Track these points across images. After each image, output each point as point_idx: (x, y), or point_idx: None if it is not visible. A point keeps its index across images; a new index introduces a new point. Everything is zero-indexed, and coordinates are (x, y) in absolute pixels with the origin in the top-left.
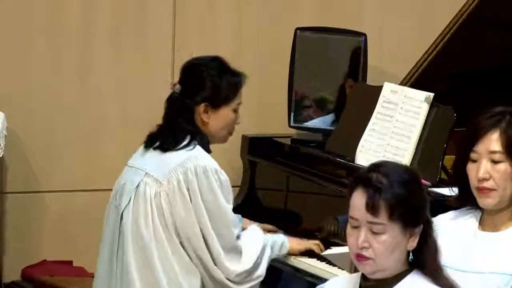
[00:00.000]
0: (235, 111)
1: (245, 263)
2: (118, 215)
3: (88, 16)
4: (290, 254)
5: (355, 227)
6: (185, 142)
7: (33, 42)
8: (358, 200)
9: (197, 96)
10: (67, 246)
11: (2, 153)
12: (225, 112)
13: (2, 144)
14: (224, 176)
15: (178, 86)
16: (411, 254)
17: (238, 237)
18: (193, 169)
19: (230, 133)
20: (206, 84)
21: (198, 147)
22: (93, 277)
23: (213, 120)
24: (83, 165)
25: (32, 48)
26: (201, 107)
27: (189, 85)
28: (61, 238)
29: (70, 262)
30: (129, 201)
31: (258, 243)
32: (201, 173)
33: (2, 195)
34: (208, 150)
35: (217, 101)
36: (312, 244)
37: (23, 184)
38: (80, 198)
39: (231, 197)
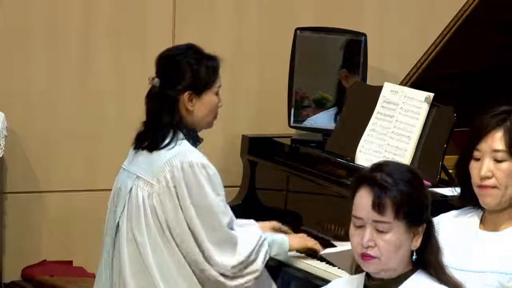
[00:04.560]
0: (217, 94)
1: (239, 255)
2: (115, 221)
3: (88, 16)
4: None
5: (359, 227)
6: (169, 139)
7: (33, 42)
8: (364, 199)
9: (178, 86)
10: (67, 246)
11: (2, 153)
12: (209, 97)
13: (2, 144)
14: (212, 170)
15: (156, 79)
16: (414, 253)
17: (230, 225)
18: (179, 165)
19: (215, 117)
20: (186, 72)
21: (184, 142)
22: (93, 277)
23: (198, 107)
24: (83, 165)
25: (32, 48)
26: (185, 96)
27: (168, 77)
28: (61, 238)
29: (70, 262)
30: (124, 208)
31: (255, 237)
32: (187, 168)
33: (2, 195)
34: (196, 141)
35: (199, 88)
36: (311, 243)
37: (23, 184)
38: (80, 198)
39: (221, 190)
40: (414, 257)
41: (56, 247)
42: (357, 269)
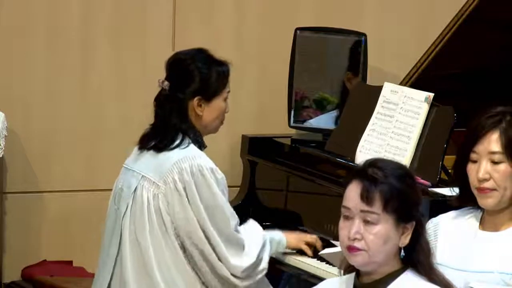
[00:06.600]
0: (225, 100)
1: (249, 257)
2: (118, 220)
3: (88, 16)
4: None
5: (347, 218)
6: (178, 141)
7: (33, 42)
8: (353, 190)
9: (188, 90)
10: (67, 246)
11: (2, 153)
12: (217, 103)
13: (2, 144)
14: (220, 175)
15: (166, 82)
16: (402, 252)
17: (236, 228)
18: (189, 169)
19: (221, 123)
20: (195, 76)
21: (192, 146)
22: (93, 277)
23: (207, 112)
24: (83, 165)
25: (32, 48)
26: (195, 101)
27: (177, 80)
28: (61, 238)
29: (70, 262)
30: (127, 208)
31: (259, 237)
32: (197, 172)
33: (2, 195)
34: (202, 146)
35: (209, 93)
36: (310, 238)
37: (23, 184)
38: (80, 198)
39: (227, 195)
40: (402, 253)
41: (56, 247)
42: (346, 270)
